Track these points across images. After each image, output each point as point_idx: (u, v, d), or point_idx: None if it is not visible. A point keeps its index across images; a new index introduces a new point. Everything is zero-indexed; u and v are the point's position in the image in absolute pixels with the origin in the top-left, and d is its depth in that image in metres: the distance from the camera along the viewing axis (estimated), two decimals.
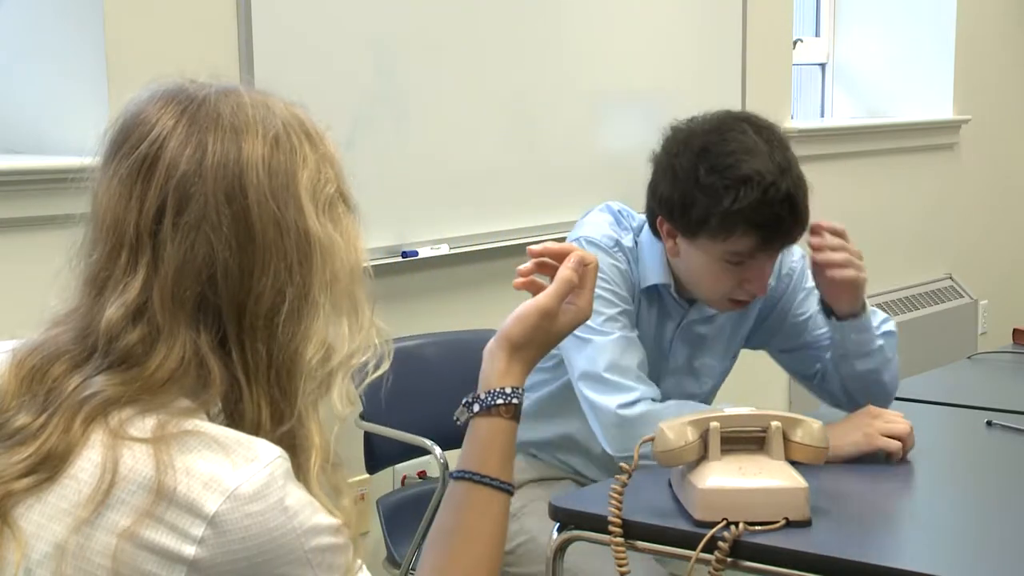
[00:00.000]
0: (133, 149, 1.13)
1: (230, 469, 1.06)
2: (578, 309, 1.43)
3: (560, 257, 1.46)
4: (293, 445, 1.14)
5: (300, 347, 1.14)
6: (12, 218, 2.38)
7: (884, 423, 2.09)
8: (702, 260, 2.16)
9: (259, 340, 1.13)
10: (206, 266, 1.11)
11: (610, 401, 2.12)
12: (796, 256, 2.36)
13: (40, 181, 2.39)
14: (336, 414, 1.19)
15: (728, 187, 2.07)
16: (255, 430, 1.12)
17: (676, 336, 2.32)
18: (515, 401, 1.37)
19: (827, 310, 2.23)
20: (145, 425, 1.08)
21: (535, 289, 1.46)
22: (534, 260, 1.49)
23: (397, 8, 3.07)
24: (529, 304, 1.42)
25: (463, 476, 1.35)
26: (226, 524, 1.04)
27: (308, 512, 1.09)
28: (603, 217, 2.29)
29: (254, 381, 1.13)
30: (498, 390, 1.37)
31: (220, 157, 1.12)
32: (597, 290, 2.11)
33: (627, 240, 2.26)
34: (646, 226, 2.27)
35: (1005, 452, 2.20)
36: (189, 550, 1.04)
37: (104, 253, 1.13)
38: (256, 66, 2.76)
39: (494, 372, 1.39)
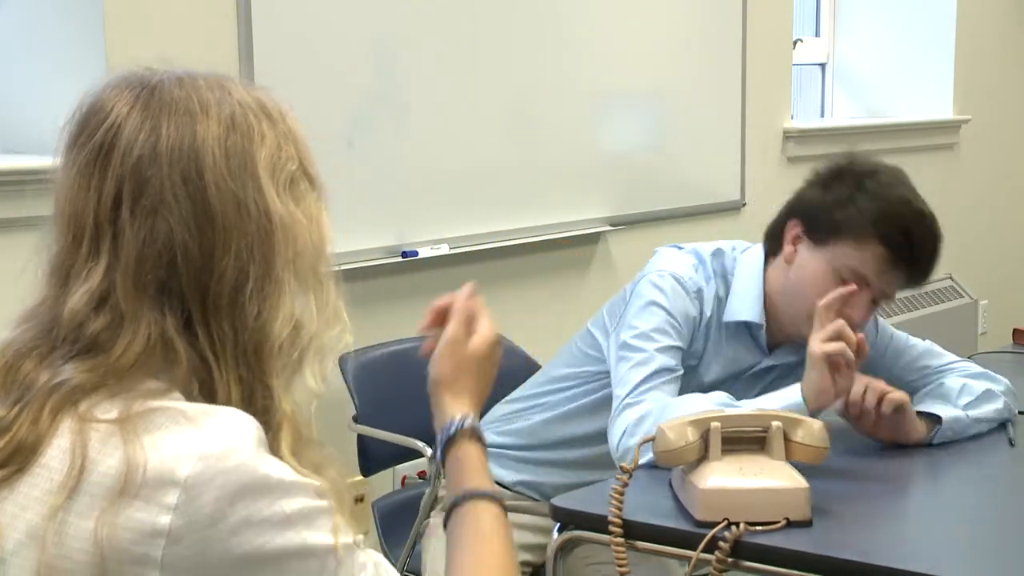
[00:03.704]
0: (89, 138, 1.14)
1: (198, 434, 1.06)
2: (481, 332, 1.48)
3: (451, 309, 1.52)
4: (267, 424, 1.14)
5: (266, 325, 1.14)
6: (12, 218, 2.38)
7: (819, 341, 2.04)
8: (818, 269, 2.18)
9: (224, 319, 1.13)
10: (166, 249, 1.11)
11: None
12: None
13: (40, 181, 2.38)
14: (310, 391, 1.19)
15: (889, 199, 2.17)
16: None
17: (743, 378, 2.31)
18: (467, 424, 1.40)
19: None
20: (112, 408, 1.08)
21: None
22: (430, 320, 1.53)
23: (397, 8, 3.07)
24: (436, 342, 1.48)
25: (450, 505, 1.35)
26: (198, 487, 1.04)
27: (283, 472, 1.09)
28: (687, 259, 2.29)
29: (222, 360, 1.13)
30: (448, 424, 1.41)
31: (175, 140, 1.12)
32: (661, 321, 2.16)
33: (709, 289, 2.27)
34: (741, 261, 2.29)
35: (1006, 452, 2.20)
36: (164, 519, 1.03)
37: (66, 244, 1.14)
38: (256, 66, 2.76)
39: (441, 412, 1.43)
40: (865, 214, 2.15)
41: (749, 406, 2.07)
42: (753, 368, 2.31)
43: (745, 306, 2.26)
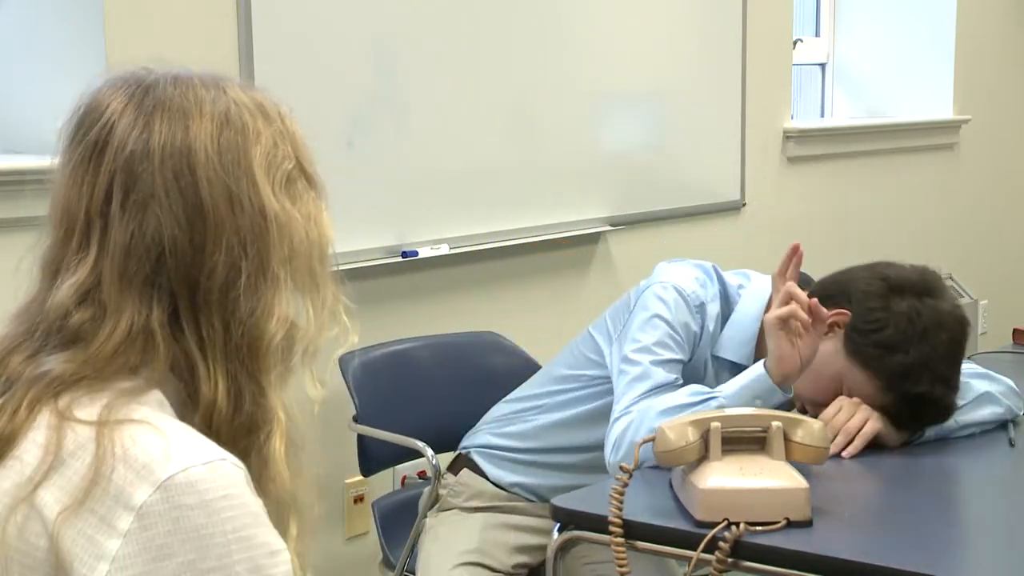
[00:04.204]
0: (84, 136, 1.15)
1: (167, 458, 1.03)
2: None
3: None
4: (257, 424, 1.13)
5: (260, 322, 1.13)
6: (13, 218, 2.38)
7: (771, 314, 2.05)
8: (828, 352, 2.12)
9: (215, 315, 1.12)
10: (155, 243, 1.11)
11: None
12: None
13: (40, 181, 2.38)
14: (310, 396, 1.18)
15: (932, 368, 2.09)
16: (210, 407, 1.11)
17: None
18: None
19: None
20: (93, 407, 1.08)
21: None
22: None
23: (397, 8, 3.06)
24: None
25: None
26: (151, 516, 1.01)
27: (248, 520, 1.04)
28: (692, 272, 2.27)
29: (210, 356, 1.12)
30: None
31: (167, 136, 1.13)
32: (662, 334, 2.15)
33: (712, 307, 2.25)
34: (744, 297, 2.26)
35: (1006, 452, 2.20)
36: (113, 545, 1.01)
37: (58, 239, 1.15)
38: (256, 66, 2.76)
39: None
40: (900, 367, 2.09)
41: (721, 388, 2.07)
42: None
43: (734, 345, 2.25)
